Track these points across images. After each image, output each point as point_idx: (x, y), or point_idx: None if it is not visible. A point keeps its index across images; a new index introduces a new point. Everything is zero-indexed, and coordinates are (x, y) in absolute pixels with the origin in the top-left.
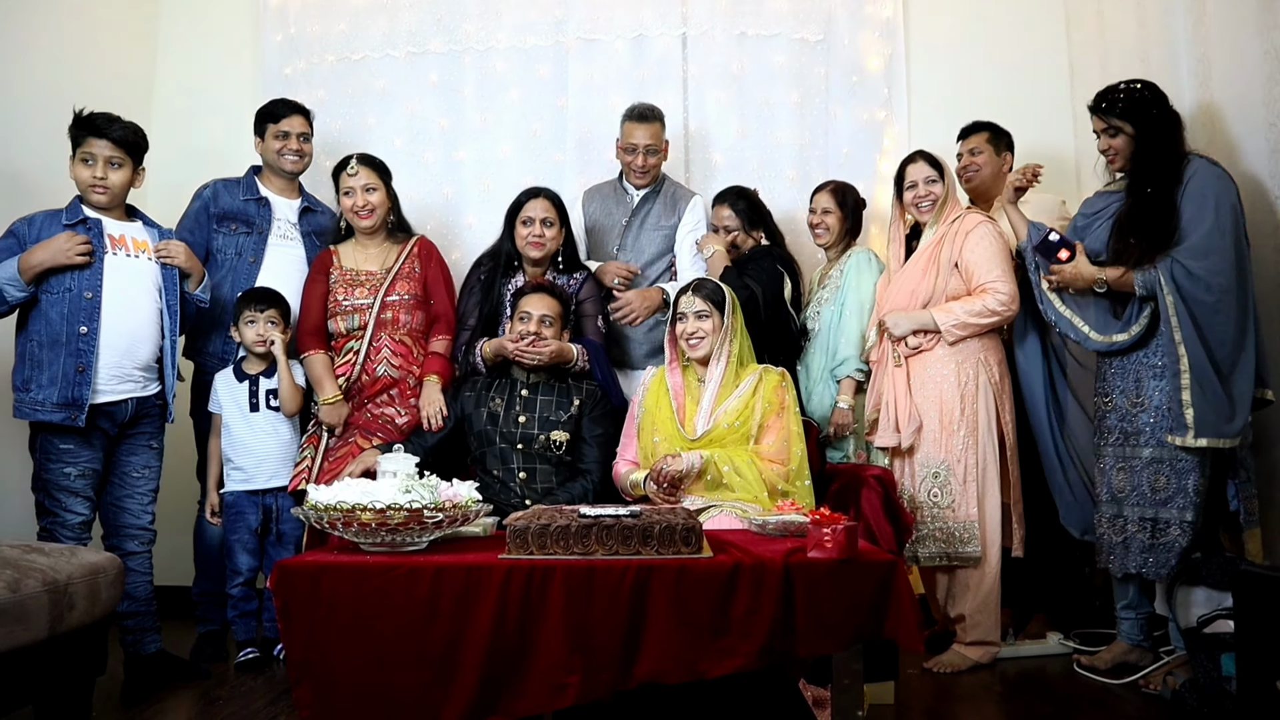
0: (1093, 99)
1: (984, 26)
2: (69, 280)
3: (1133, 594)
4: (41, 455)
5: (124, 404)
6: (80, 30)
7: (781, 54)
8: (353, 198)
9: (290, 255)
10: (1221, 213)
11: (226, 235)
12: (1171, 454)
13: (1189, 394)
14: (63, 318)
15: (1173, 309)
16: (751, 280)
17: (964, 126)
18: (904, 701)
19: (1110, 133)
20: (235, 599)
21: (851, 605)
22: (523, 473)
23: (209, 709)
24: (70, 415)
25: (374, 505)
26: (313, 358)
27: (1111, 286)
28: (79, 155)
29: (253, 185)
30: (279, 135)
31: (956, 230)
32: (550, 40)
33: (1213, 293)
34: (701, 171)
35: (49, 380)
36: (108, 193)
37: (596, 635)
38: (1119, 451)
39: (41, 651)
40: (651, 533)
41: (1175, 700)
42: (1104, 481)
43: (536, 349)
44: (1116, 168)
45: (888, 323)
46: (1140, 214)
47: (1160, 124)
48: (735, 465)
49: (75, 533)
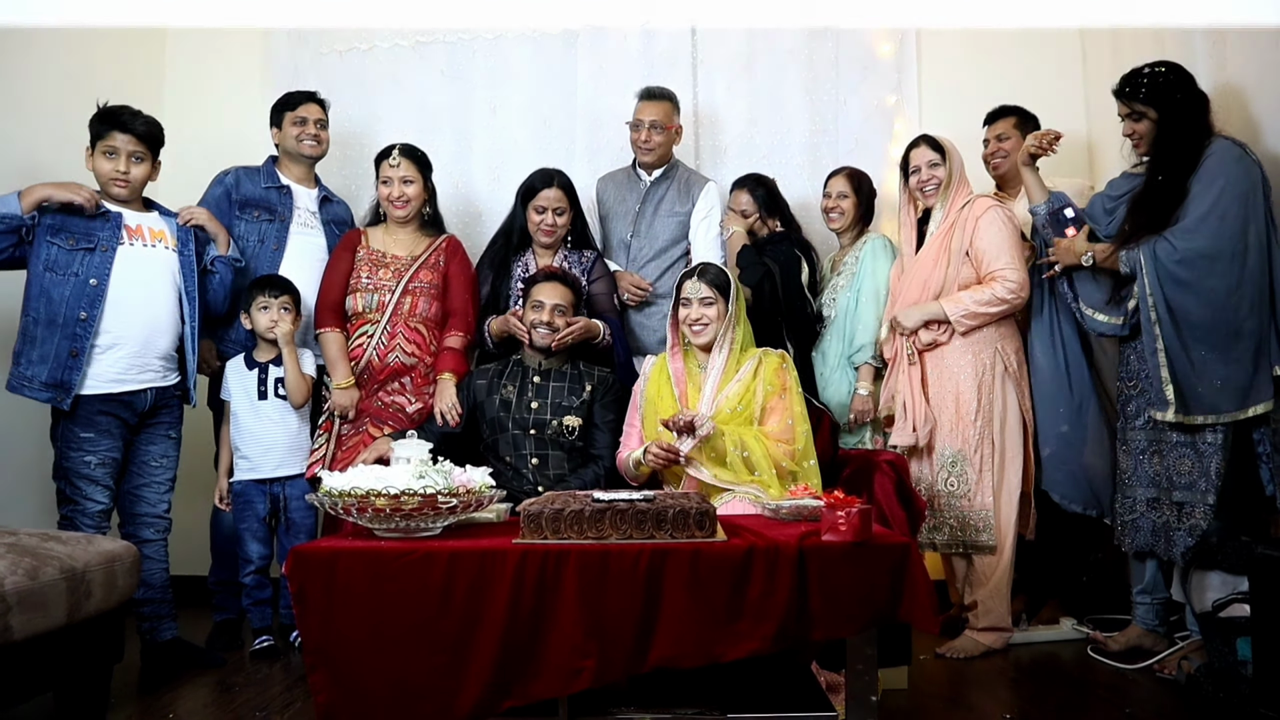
0: (1116, 83)
1: (995, 10)
2: (77, 264)
3: (1149, 578)
4: (63, 443)
5: (143, 394)
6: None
7: (791, 39)
8: (390, 187)
9: (312, 243)
10: (1225, 194)
11: (249, 222)
12: (1194, 437)
13: (1166, 370)
14: (64, 300)
15: (1149, 287)
16: (770, 260)
17: (990, 111)
18: (917, 686)
19: (1134, 117)
20: (248, 587)
21: (866, 588)
22: (535, 459)
23: (225, 696)
24: (56, 397)
25: (388, 491)
26: (328, 336)
27: (1097, 262)
28: (100, 148)
29: (273, 173)
30: (296, 121)
31: (967, 216)
32: (559, 27)
33: (1194, 271)
34: (711, 158)
35: (39, 358)
36: (129, 186)
37: (611, 619)
38: (1143, 435)
39: (60, 639)
40: (665, 517)
41: (1190, 685)
42: (1128, 465)
43: (565, 334)
44: (1141, 152)
45: (898, 317)
46: (1150, 196)
47: (1184, 107)
48: (744, 443)
49: (95, 521)
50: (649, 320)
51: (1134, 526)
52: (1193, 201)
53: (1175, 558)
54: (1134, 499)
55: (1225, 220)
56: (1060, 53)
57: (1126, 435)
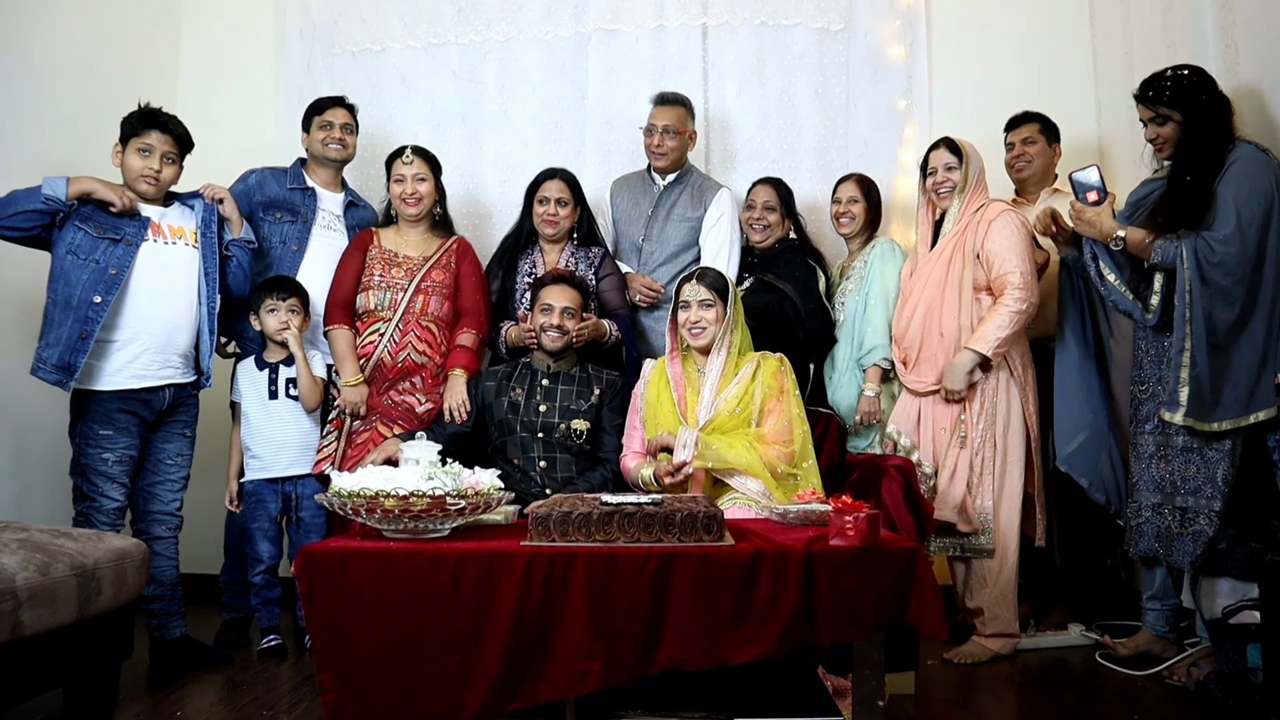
0: (1139, 87)
1: (1006, 13)
2: (100, 252)
3: (1159, 584)
4: (80, 440)
5: (162, 392)
6: (104, 20)
7: (802, 43)
8: (403, 185)
9: (334, 245)
10: (1252, 201)
11: (272, 224)
12: (1202, 443)
13: (1186, 371)
14: (81, 283)
15: (1189, 283)
16: (782, 278)
17: (1014, 116)
18: (924, 691)
19: (1158, 121)
20: (258, 586)
21: (874, 593)
22: (543, 461)
23: (233, 694)
24: (62, 379)
25: (397, 492)
26: (337, 333)
27: (1128, 247)
28: (135, 146)
29: (299, 175)
30: (323, 125)
31: (980, 219)
32: (571, 30)
33: (1230, 277)
34: (721, 161)
35: (54, 340)
36: (158, 185)
37: (618, 622)
38: (1151, 439)
39: (70, 635)
40: (673, 520)
41: (1199, 691)
42: (1137, 469)
43: (578, 334)
44: (1165, 156)
45: (948, 386)
46: (1177, 198)
47: (1209, 110)
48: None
49: (109, 518)
50: (658, 325)
51: (1139, 531)
52: (1222, 206)
53: (1179, 563)
54: (1140, 504)
55: (1251, 227)
56: (1071, 56)
57: (1137, 440)
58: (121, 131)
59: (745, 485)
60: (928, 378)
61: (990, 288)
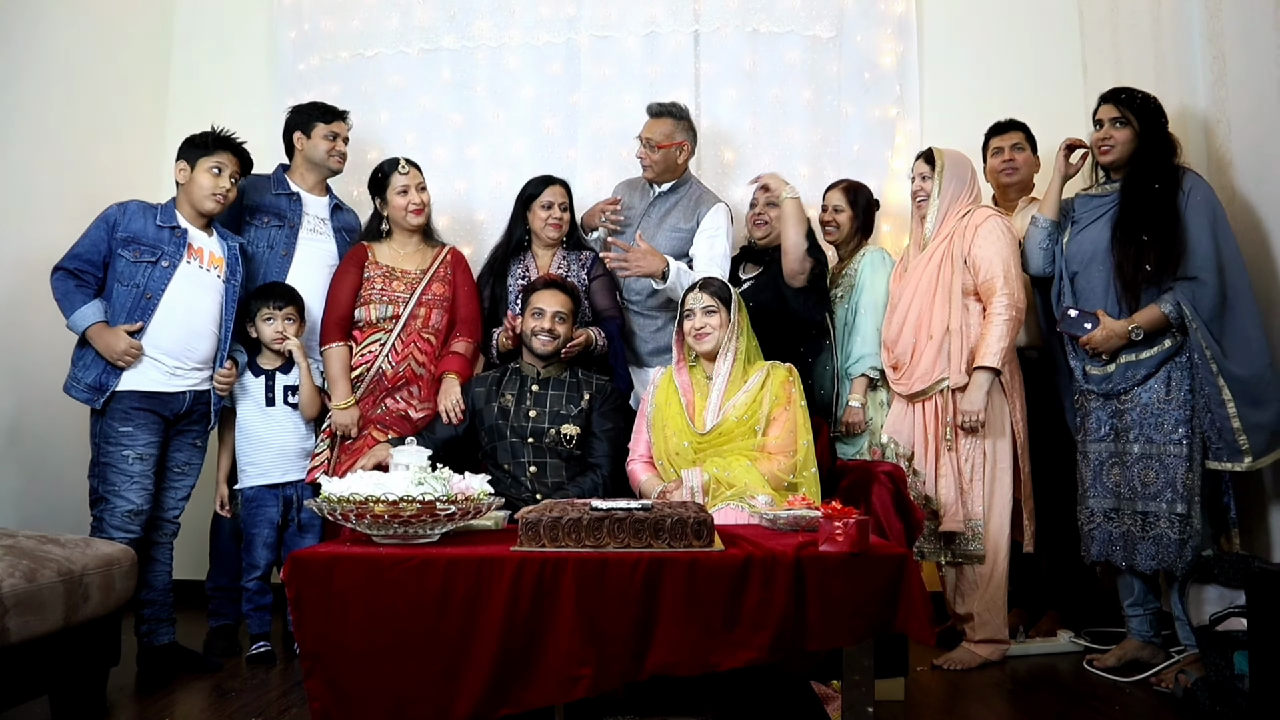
0: (1109, 89)
1: (997, 24)
2: (140, 275)
3: (1138, 591)
4: (100, 439)
5: (181, 395)
6: (96, 29)
7: (794, 51)
8: (408, 196)
9: (322, 249)
10: (1223, 229)
11: (259, 229)
12: (1159, 449)
13: (1239, 421)
14: (123, 309)
15: (1203, 342)
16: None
17: (999, 122)
18: (914, 698)
19: (1120, 122)
20: (250, 592)
21: (863, 599)
22: (533, 467)
23: (222, 701)
24: (94, 398)
25: (387, 497)
26: (332, 352)
27: (1145, 330)
28: (209, 165)
29: (283, 181)
30: (329, 135)
31: (966, 225)
32: (563, 37)
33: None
34: (713, 168)
35: (92, 361)
36: (223, 205)
37: (608, 628)
38: (1101, 448)
39: (57, 642)
40: (663, 526)
41: (1187, 698)
42: (1087, 476)
43: (567, 353)
44: (1109, 160)
45: (966, 413)
46: (1142, 215)
47: (1163, 134)
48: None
49: (122, 523)
50: (642, 332)
51: (1090, 537)
52: (1199, 237)
53: (1143, 567)
54: (1091, 509)
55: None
56: (1061, 64)
57: (1086, 447)
58: (187, 149)
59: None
60: (918, 383)
61: (978, 292)
